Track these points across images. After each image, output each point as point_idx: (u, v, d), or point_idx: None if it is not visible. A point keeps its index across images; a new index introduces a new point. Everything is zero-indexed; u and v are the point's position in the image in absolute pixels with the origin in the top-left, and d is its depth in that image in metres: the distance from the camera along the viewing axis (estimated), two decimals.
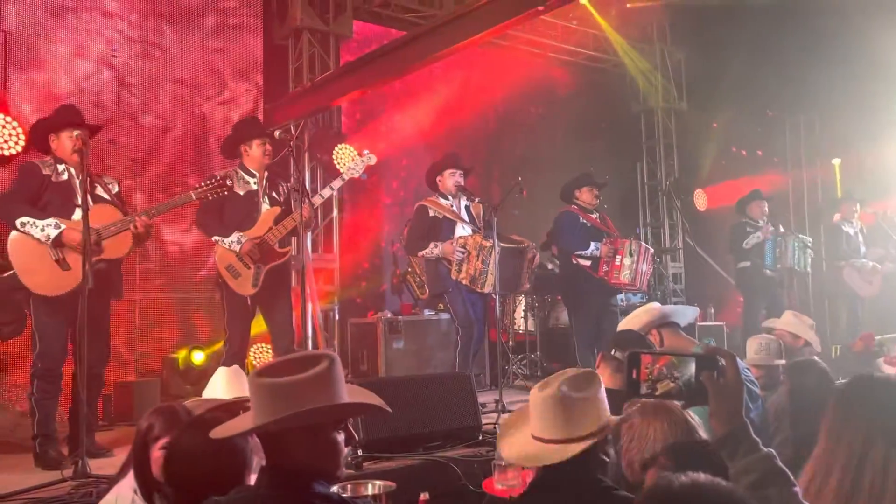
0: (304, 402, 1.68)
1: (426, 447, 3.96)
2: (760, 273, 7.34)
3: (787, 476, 1.50)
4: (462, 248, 5.41)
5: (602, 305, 6.15)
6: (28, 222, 3.99)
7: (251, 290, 4.68)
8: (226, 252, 4.69)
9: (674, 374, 1.55)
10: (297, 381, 1.71)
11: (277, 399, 1.70)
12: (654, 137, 10.00)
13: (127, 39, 6.39)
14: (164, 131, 6.52)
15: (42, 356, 4.06)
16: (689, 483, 1.17)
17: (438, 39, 5.51)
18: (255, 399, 1.77)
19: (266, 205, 4.83)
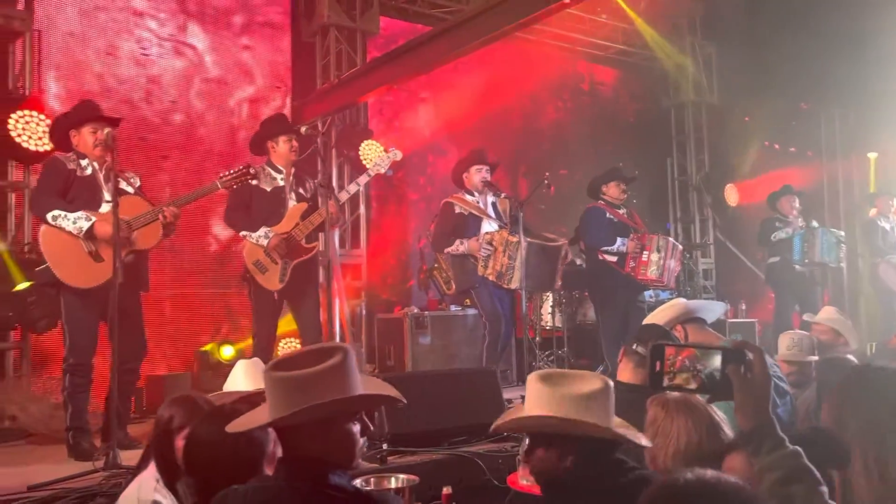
0: (318, 396, 1.70)
1: (451, 442, 3.97)
2: (790, 268, 7.19)
3: (814, 474, 1.46)
4: (488, 243, 5.40)
5: (629, 301, 6.09)
6: (60, 215, 4.04)
7: (278, 285, 4.72)
8: (253, 247, 4.74)
9: (696, 367, 1.53)
10: (311, 374, 1.73)
11: (291, 392, 1.72)
12: (685, 132, 9.87)
13: (157, 38, 6.49)
14: (193, 128, 6.60)
15: (73, 351, 4.11)
16: (694, 479, 1.16)
17: (465, 34, 5.48)
18: (270, 393, 1.78)
19: (293, 201, 4.87)
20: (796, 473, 1.44)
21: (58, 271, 4.06)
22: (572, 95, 9.48)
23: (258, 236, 4.71)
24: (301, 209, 4.83)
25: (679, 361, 1.54)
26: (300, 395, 1.70)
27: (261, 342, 4.81)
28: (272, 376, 1.76)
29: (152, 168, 6.30)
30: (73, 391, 4.11)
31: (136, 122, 6.26)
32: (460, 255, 5.57)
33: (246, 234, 4.77)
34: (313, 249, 4.85)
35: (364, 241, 7.25)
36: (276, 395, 1.74)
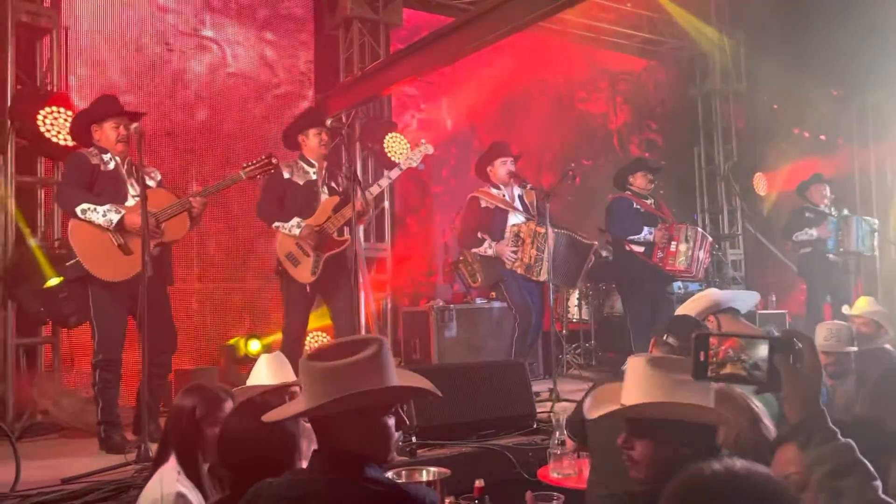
0: (355, 385, 1.68)
1: (480, 435, 3.95)
2: (823, 258, 7.04)
3: (867, 468, 1.40)
4: (516, 235, 5.36)
5: (657, 293, 6.02)
6: (89, 209, 4.06)
7: (310, 277, 4.75)
8: (286, 239, 4.77)
9: (741, 357, 1.47)
10: (348, 364, 1.71)
11: (328, 382, 1.70)
12: (712, 121, 9.71)
13: (180, 33, 6.51)
14: (217, 123, 6.62)
15: (102, 346, 4.14)
16: (722, 470, 1.11)
17: (488, 24, 5.42)
18: (306, 383, 1.77)
19: (325, 194, 4.91)
20: (848, 467, 1.39)
21: (88, 265, 4.08)
22: (596, 85, 9.37)
23: (290, 226, 4.75)
24: (333, 202, 4.86)
25: (723, 351, 1.48)
26: (337, 384, 1.68)
27: (291, 335, 4.83)
28: (309, 366, 1.74)
29: (178, 162, 6.33)
30: (104, 386, 4.14)
31: (160, 117, 6.29)
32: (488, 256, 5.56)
33: (278, 226, 4.82)
34: (345, 242, 4.86)
35: (389, 236, 7.23)
36: (313, 385, 1.73)
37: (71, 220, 4.14)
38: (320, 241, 4.75)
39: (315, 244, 4.73)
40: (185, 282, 6.31)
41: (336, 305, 4.91)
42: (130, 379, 4.66)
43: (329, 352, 1.79)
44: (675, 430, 1.88)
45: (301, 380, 1.82)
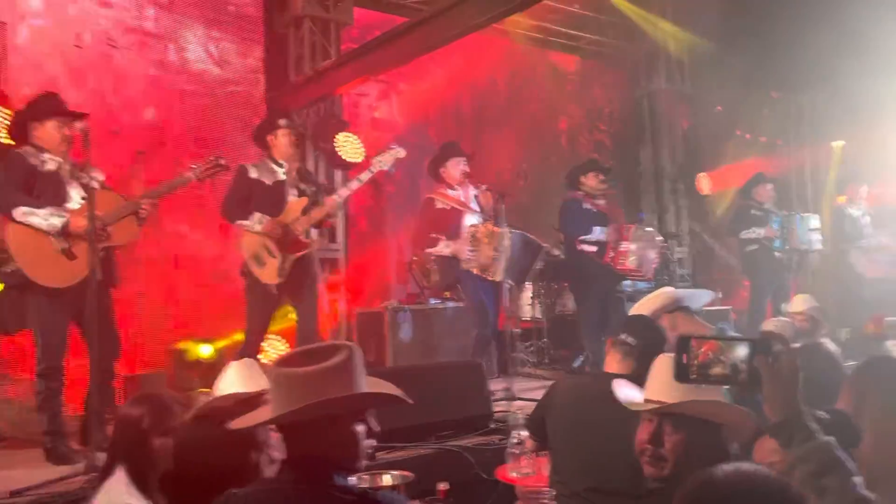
0: (325, 392, 1.67)
1: (438, 436, 3.96)
2: (769, 256, 7.27)
3: (846, 465, 1.45)
4: (472, 236, 5.39)
5: (608, 292, 6.13)
6: (29, 212, 3.90)
7: (276, 278, 4.69)
8: (252, 240, 4.71)
9: (722, 359, 1.52)
10: (318, 370, 1.70)
11: (297, 389, 1.69)
12: (658, 122, 9.92)
13: (126, 30, 6.33)
14: (166, 122, 6.47)
15: (45, 354, 3.99)
16: (734, 473, 1.14)
17: (441, 26, 5.45)
18: (275, 389, 1.76)
19: (294, 196, 4.86)
20: (829, 465, 1.43)
21: (30, 271, 3.92)
22: (545, 85, 9.48)
23: (253, 223, 4.70)
24: (302, 204, 4.81)
25: (705, 353, 1.52)
26: (307, 391, 1.67)
27: (251, 339, 4.77)
28: (278, 372, 1.73)
29: (124, 162, 6.15)
30: (48, 395, 3.98)
31: (105, 116, 6.11)
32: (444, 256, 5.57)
33: (241, 223, 4.76)
34: (312, 244, 4.85)
35: (342, 236, 7.18)
36: (282, 392, 1.72)
37: (9, 223, 3.95)
38: (287, 240, 4.70)
39: (279, 241, 4.67)
40: (133, 284, 6.14)
41: (302, 308, 4.87)
42: (73, 386, 4.52)
43: (299, 358, 1.77)
44: (710, 429, 1.94)
45: (270, 386, 1.79)
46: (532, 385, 5.63)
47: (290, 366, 1.73)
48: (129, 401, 2.50)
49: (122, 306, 6.03)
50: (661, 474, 1.97)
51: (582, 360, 6.63)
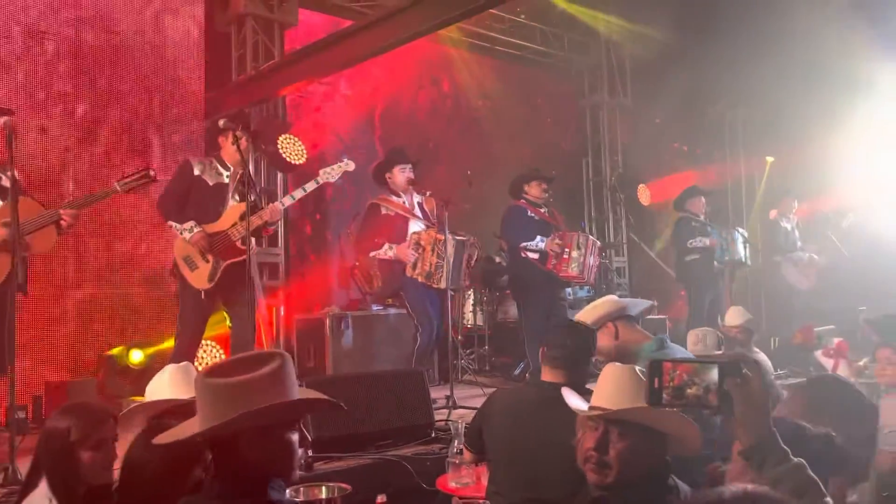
0: (257, 402, 1.61)
1: (378, 445, 3.91)
2: (709, 266, 7.47)
3: (819, 486, 1.47)
4: (416, 243, 5.36)
5: (551, 298, 6.18)
6: None
7: (207, 284, 4.60)
8: (183, 241, 4.60)
9: (694, 382, 1.52)
10: (248, 380, 1.64)
11: (229, 400, 1.62)
12: (600, 133, 10.09)
13: (60, 22, 6.07)
14: (98, 120, 6.22)
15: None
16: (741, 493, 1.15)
17: (387, 31, 5.40)
18: (203, 401, 1.68)
19: (235, 200, 4.78)
20: (803, 486, 1.44)
21: None
22: (490, 94, 9.52)
23: (183, 228, 4.59)
24: (240, 210, 4.69)
25: (678, 377, 1.52)
26: (237, 402, 1.61)
27: (183, 344, 4.66)
28: (206, 383, 1.66)
29: (52, 161, 5.91)
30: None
31: (33, 111, 5.85)
32: (388, 259, 5.52)
33: (172, 225, 4.65)
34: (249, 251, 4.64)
35: (282, 240, 7.05)
36: (211, 403, 1.65)
37: None
38: (221, 246, 4.61)
39: (205, 249, 4.57)
40: (62, 288, 5.90)
41: (235, 315, 4.76)
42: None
43: (228, 368, 1.71)
44: (655, 438, 1.95)
45: (198, 398, 1.71)
46: (473, 393, 5.62)
47: (218, 376, 1.66)
48: (56, 412, 2.40)
49: (51, 310, 5.80)
50: (604, 482, 1.97)
51: (523, 367, 6.66)
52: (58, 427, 2.28)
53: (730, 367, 1.51)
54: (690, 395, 1.52)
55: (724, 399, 1.49)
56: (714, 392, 1.50)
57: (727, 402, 1.49)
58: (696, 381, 1.51)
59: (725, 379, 1.50)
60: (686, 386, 1.52)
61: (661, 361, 1.56)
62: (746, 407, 1.49)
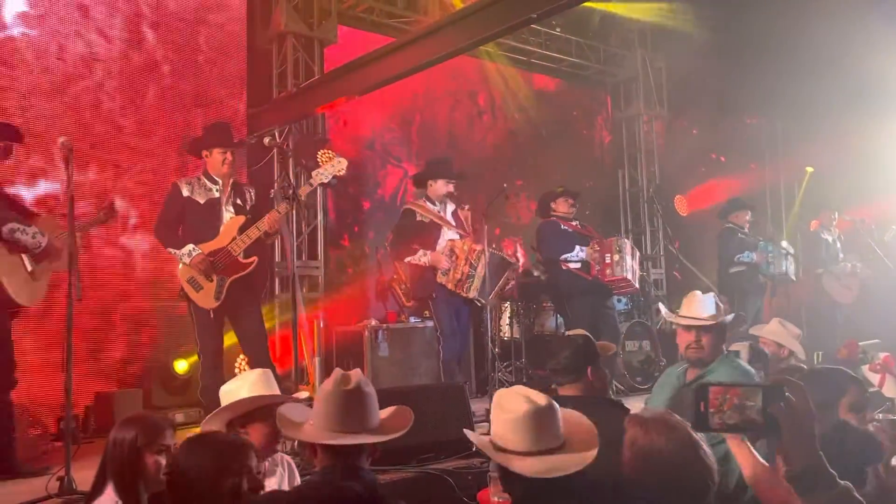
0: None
1: (419, 459, 3.93)
2: (755, 279, 7.42)
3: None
4: (451, 251, 5.39)
5: (597, 307, 6.17)
6: (18, 229, 3.84)
7: (213, 303, 4.55)
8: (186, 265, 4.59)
9: (740, 406, 1.52)
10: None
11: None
12: (636, 144, 10.06)
13: (109, 42, 6.27)
14: (146, 136, 6.40)
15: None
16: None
17: (426, 48, 5.46)
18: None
19: (230, 213, 4.68)
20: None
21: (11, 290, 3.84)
22: (525, 107, 9.56)
23: (182, 254, 4.54)
24: (238, 222, 4.65)
25: (726, 401, 1.53)
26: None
27: (207, 360, 4.63)
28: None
29: (105, 175, 6.09)
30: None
31: (84, 130, 6.03)
32: (420, 265, 5.54)
33: (172, 251, 4.61)
34: (251, 264, 4.66)
35: (321, 253, 7.15)
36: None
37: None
38: (224, 263, 4.55)
39: (208, 270, 4.51)
40: (108, 300, 6.06)
41: (243, 328, 4.72)
42: None
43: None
44: None
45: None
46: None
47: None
48: (121, 422, 2.51)
49: (99, 323, 5.96)
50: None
51: None
52: (125, 437, 2.42)
53: (773, 391, 1.51)
54: (735, 420, 1.52)
55: (770, 423, 1.49)
56: (759, 416, 1.50)
57: (772, 426, 1.49)
58: (742, 405, 1.52)
59: (769, 403, 1.49)
60: (731, 411, 1.52)
61: (708, 386, 1.56)
62: (792, 431, 1.48)
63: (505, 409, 2.03)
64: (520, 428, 2.00)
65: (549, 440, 2.00)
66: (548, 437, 2.00)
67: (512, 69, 9.17)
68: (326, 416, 2.19)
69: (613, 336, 5.94)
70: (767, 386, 1.54)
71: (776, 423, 1.49)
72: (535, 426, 1.99)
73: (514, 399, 2.05)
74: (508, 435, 2.01)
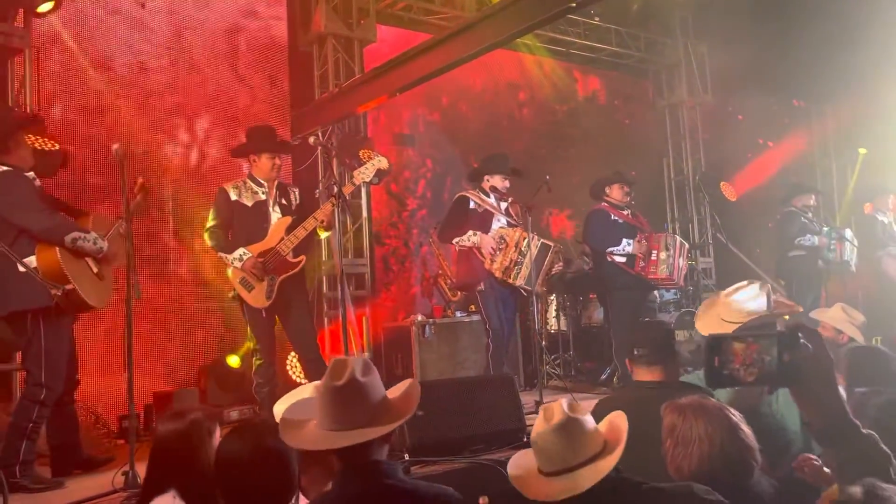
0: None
1: (471, 450, 3.95)
2: (814, 265, 7.28)
3: (890, 458, 1.42)
4: (501, 238, 5.40)
5: (640, 301, 6.11)
6: (80, 237, 3.94)
7: (265, 302, 4.70)
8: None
9: (755, 357, 1.42)
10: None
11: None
12: (680, 132, 9.90)
13: (155, 48, 6.45)
14: (194, 141, 6.57)
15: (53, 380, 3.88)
16: None
17: (464, 43, 5.47)
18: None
19: (277, 214, 4.83)
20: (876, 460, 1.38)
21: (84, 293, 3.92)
22: (566, 98, 9.51)
23: (234, 259, 4.68)
24: (286, 223, 4.79)
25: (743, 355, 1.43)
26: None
27: (264, 357, 4.81)
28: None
29: (157, 180, 6.27)
30: (38, 423, 3.86)
31: (133, 136, 6.22)
32: (467, 252, 5.53)
33: (223, 256, 4.75)
34: (300, 263, 4.82)
35: (368, 251, 7.23)
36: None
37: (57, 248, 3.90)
38: (274, 263, 4.70)
39: (260, 272, 4.66)
40: (163, 302, 6.23)
41: (293, 326, 4.86)
42: None
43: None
44: None
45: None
46: (560, 398, 5.60)
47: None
48: (166, 416, 2.53)
49: (156, 323, 6.14)
50: None
51: (609, 372, 6.60)
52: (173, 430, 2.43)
53: (788, 338, 1.42)
54: (750, 372, 1.43)
55: (785, 372, 1.40)
56: (773, 366, 1.40)
57: (789, 375, 1.40)
58: (758, 359, 1.42)
59: (785, 350, 1.40)
60: (745, 361, 1.42)
61: (720, 339, 1.46)
62: (809, 380, 1.39)
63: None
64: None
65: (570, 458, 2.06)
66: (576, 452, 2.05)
67: (552, 61, 9.12)
68: (323, 415, 2.08)
69: None
70: (782, 333, 1.43)
71: (793, 372, 1.40)
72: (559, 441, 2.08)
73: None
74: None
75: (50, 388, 3.87)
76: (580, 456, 2.00)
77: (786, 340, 1.42)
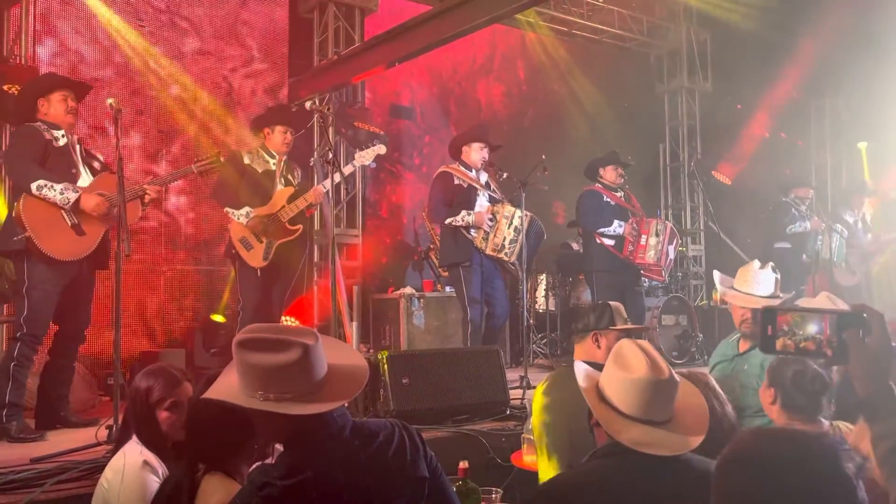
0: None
1: (455, 420, 3.99)
2: (797, 258, 7.31)
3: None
4: (493, 214, 5.39)
5: (627, 285, 6.12)
6: (45, 185, 3.95)
7: (262, 262, 4.91)
8: (239, 224, 4.90)
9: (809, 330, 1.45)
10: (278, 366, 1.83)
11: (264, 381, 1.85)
12: (678, 118, 9.88)
13: (154, 10, 6.38)
14: (190, 102, 6.52)
15: (30, 321, 3.98)
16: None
17: (465, 14, 5.44)
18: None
19: (281, 185, 5.06)
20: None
21: (40, 242, 3.97)
22: (566, 78, 9.46)
23: (240, 214, 4.91)
24: (288, 193, 5.04)
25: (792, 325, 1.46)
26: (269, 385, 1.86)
27: (246, 318, 4.90)
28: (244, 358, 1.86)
29: (150, 141, 6.23)
30: (20, 363, 3.96)
31: (130, 94, 6.17)
32: (453, 228, 5.51)
33: (229, 211, 4.95)
34: (297, 231, 5.06)
35: (360, 221, 7.22)
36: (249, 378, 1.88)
37: (24, 196, 3.98)
38: (273, 228, 4.92)
39: (261, 231, 4.89)
40: (152, 263, 6.22)
41: (282, 289, 5.11)
42: None
43: (266, 344, 1.83)
44: None
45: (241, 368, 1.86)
46: (544, 376, 5.62)
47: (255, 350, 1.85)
48: (141, 374, 2.56)
49: (145, 284, 6.13)
50: None
51: None
52: (139, 387, 2.47)
53: (851, 317, 1.42)
54: (803, 345, 1.45)
55: (840, 350, 1.42)
56: (830, 342, 1.43)
57: (842, 353, 1.42)
58: (811, 330, 1.45)
59: (844, 330, 1.42)
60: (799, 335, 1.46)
61: (776, 310, 1.50)
62: (864, 359, 1.41)
63: (625, 366, 1.93)
64: (635, 392, 1.89)
65: (659, 413, 1.90)
66: (659, 410, 1.90)
67: (553, 39, 9.07)
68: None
69: (639, 318, 5.89)
70: (846, 312, 1.45)
71: (846, 350, 1.42)
72: (651, 396, 1.89)
73: (638, 359, 1.92)
74: (620, 393, 1.91)
75: (27, 328, 3.97)
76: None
77: (848, 318, 1.44)
